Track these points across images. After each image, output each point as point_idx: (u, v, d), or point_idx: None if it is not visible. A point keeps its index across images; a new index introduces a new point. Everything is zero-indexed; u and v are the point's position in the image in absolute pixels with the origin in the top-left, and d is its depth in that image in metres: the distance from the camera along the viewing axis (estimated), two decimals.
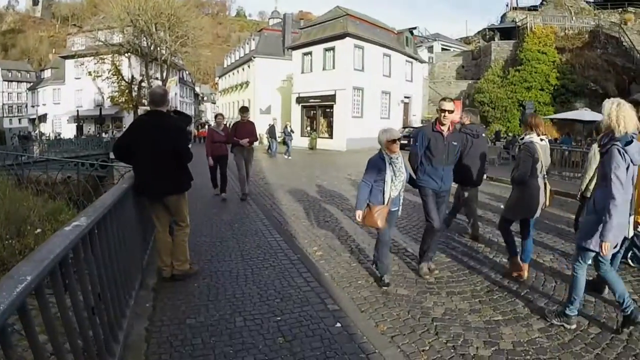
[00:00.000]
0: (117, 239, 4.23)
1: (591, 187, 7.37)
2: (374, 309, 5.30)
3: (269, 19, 72.97)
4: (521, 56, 40.36)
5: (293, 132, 32.39)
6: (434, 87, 49.71)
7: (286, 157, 27.37)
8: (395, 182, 5.84)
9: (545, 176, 6.30)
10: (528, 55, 39.58)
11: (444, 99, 6.27)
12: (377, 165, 5.82)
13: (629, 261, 6.94)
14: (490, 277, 6.59)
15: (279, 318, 4.90)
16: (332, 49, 36.15)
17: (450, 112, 6.04)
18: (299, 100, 39.22)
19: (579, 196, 8.10)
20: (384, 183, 5.76)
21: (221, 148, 12.61)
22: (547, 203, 6.43)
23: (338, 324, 4.82)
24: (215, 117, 13.70)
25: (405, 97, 41.72)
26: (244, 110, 12.58)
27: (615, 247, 4.61)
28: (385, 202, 5.80)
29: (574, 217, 9.31)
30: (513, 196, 6.47)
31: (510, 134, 34.67)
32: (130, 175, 5.95)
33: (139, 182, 5.68)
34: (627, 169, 4.39)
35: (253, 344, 4.33)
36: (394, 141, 5.71)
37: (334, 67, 35.99)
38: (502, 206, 9.81)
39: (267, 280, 6.07)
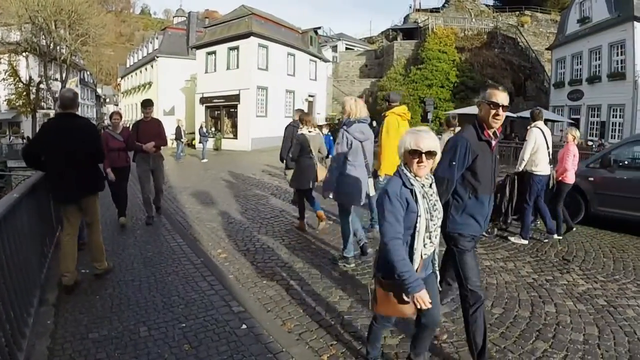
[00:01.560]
0: (8, 252, 4.12)
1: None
2: (280, 308, 5.39)
3: (174, 17, 71.50)
4: (422, 55, 41.66)
5: (209, 133, 31.87)
6: (337, 85, 50.51)
7: (203, 160, 26.10)
8: (432, 228, 3.37)
9: (317, 157, 8.63)
10: (429, 54, 40.96)
11: (495, 88, 3.94)
12: (398, 201, 3.24)
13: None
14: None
15: (183, 325, 4.88)
16: (237, 48, 36.00)
17: (506, 108, 3.91)
18: (203, 100, 38.84)
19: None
20: (416, 233, 3.31)
21: (120, 157, 9.44)
22: (317, 179, 8.70)
23: (244, 326, 4.87)
24: (111, 116, 10.03)
25: (309, 95, 42.08)
26: (147, 104, 9.63)
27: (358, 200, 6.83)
28: (417, 267, 3.38)
29: None
30: (293, 171, 9.08)
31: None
32: (25, 185, 5.81)
33: (54, 186, 5.91)
34: (352, 143, 6.61)
35: (159, 353, 4.32)
36: (419, 155, 3.25)
37: (238, 67, 35.87)
38: None
39: (171, 286, 6.03)
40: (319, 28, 48.95)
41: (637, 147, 10.76)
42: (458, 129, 9.52)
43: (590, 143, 28.31)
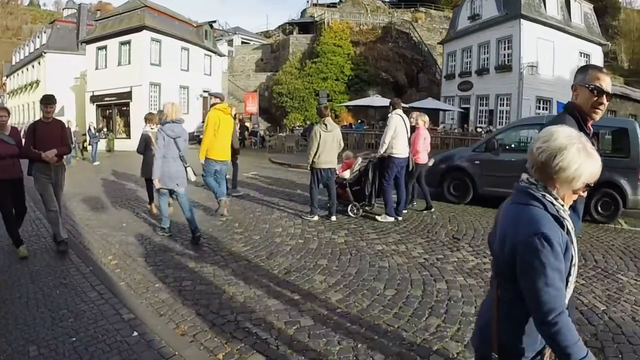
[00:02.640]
0: None
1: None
2: (173, 311, 5.36)
3: (64, 9, 68.74)
4: (318, 49, 42.51)
5: (99, 133, 30.01)
6: (233, 80, 50.55)
7: (95, 163, 24.80)
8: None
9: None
10: (324, 48, 41.95)
11: (599, 70, 3.16)
12: (561, 249, 2.05)
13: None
14: (288, 259, 7.18)
15: (74, 339, 4.72)
16: (129, 42, 35.34)
17: (610, 96, 3.09)
18: (94, 99, 37.71)
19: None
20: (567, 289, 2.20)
21: (14, 166, 7.47)
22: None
23: (135, 333, 4.79)
24: None
25: (204, 91, 41.68)
26: (48, 101, 7.73)
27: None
28: None
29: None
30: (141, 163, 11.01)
31: (307, 122, 36.69)
32: None
33: None
34: (165, 139, 8.28)
35: None
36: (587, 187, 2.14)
37: (129, 62, 35.23)
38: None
39: (60, 300, 5.81)
40: (215, 22, 48.96)
41: (518, 132, 11.69)
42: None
43: (479, 130, 30.12)
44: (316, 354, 4.32)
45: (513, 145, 11.74)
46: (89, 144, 27.23)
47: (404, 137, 9.71)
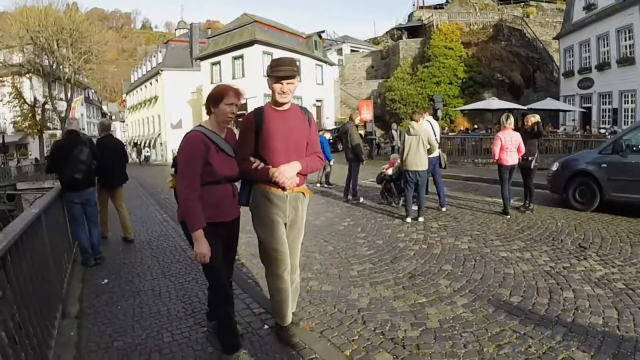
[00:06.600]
0: (31, 267, 4.11)
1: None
2: (300, 308, 5.33)
3: (176, 29, 72.31)
4: (429, 53, 40.94)
5: None
6: (345, 88, 50.16)
7: None
8: None
9: None
10: (435, 51, 40.24)
11: None
12: None
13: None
14: (412, 263, 6.99)
15: (205, 328, 4.87)
16: (241, 57, 36.31)
17: None
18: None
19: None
20: None
21: (233, 198, 4.41)
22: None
23: (265, 326, 4.85)
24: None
25: (317, 100, 42.09)
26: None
27: None
28: None
29: (487, 198, 12.21)
30: None
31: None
32: (42, 202, 5.95)
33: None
34: None
35: (183, 357, 4.30)
36: None
37: (243, 76, 36.17)
38: None
39: (191, 293, 6.01)
40: (323, 32, 49.22)
41: None
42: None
43: (602, 131, 27.84)
44: (442, 355, 4.19)
45: None
46: None
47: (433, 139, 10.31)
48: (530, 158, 10.32)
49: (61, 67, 42.73)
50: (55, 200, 6.80)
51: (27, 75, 42.50)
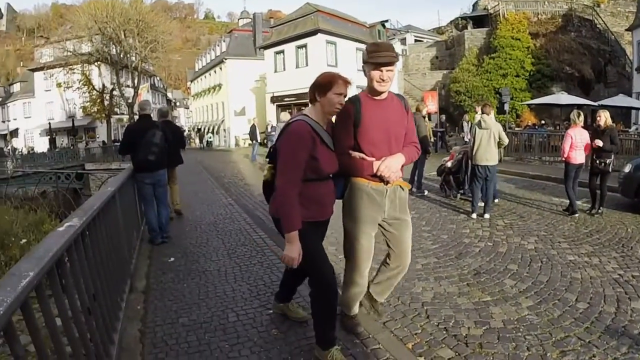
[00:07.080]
0: (106, 242, 4.23)
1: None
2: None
3: (239, 19, 72.95)
4: (495, 43, 39.75)
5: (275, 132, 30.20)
6: (408, 79, 49.24)
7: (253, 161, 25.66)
8: None
9: None
10: (502, 42, 38.94)
11: None
12: None
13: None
14: (477, 260, 6.87)
15: (270, 311, 4.88)
16: (304, 46, 36.32)
17: None
18: (274, 99, 39.35)
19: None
20: None
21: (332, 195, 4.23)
22: None
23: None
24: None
25: None
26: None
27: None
28: None
29: (555, 199, 11.56)
30: None
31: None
32: (116, 180, 6.24)
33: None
34: None
35: (248, 337, 4.33)
36: None
37: (307, 65, 36.15)
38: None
39: (256, 276, 6.06)
40: (386, 21, 48.87)
41: None
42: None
43: None
44: (504, 356, 4.10)
45: None
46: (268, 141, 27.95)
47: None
48: (608, 161, 9.77)
49: (128, 55, 44.06)
50: (128, 180, 7.04)
51: (95, 63, 43.94)
